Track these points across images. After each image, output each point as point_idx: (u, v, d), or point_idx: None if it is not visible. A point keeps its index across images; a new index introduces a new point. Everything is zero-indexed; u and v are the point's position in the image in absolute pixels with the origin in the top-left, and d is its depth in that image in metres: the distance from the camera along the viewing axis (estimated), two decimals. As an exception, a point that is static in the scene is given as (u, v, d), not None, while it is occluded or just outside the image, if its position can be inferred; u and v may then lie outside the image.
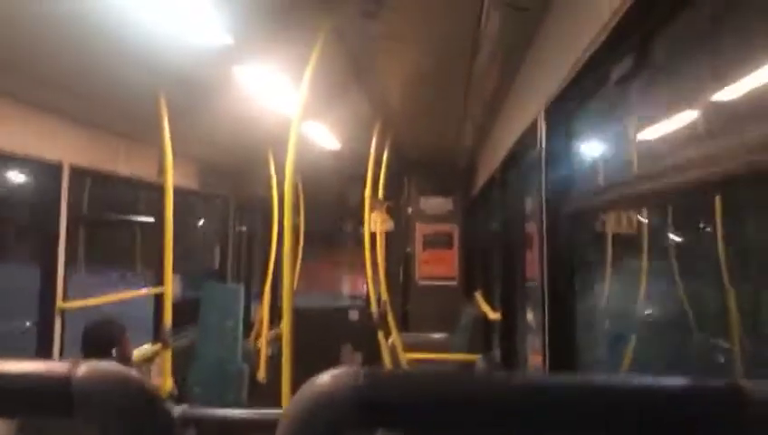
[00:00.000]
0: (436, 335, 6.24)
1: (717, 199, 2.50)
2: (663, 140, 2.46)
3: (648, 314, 3.45)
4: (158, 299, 4.62)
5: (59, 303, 3.90)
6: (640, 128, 2.25)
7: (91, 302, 4.33)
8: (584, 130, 2.19)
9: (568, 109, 1.99)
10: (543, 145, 2.10)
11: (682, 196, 1.78)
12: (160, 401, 0.63)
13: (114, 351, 2.82)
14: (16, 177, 4.28)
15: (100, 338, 3.13)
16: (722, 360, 2.90)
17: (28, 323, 4.35)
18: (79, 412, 0.61)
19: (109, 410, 0.60)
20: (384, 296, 5.57)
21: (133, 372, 0.63)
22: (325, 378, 0.60)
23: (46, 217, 3.97)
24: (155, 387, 0.65)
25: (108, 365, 0.61)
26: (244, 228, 7.55)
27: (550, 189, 2.03)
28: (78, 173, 4.11)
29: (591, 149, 2.44)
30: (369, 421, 0.57)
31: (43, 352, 3.78)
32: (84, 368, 0.60)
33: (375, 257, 5.57)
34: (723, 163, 1.07)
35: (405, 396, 0.56)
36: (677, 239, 3.44)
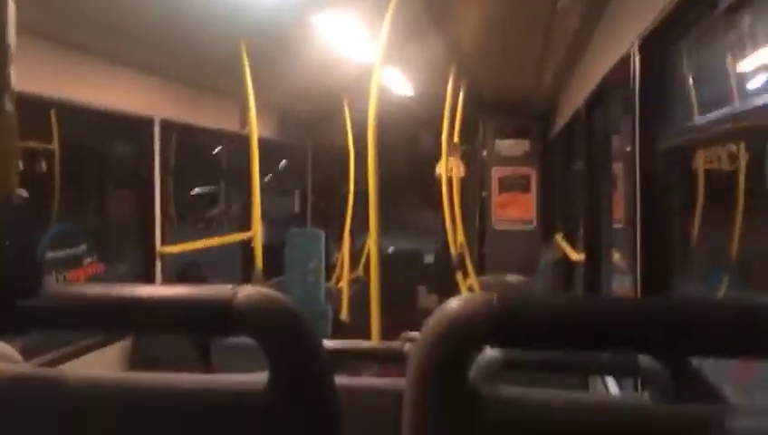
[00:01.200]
0: (514, 278, 6.23)
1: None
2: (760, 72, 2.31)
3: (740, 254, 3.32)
4: (246, 245, 4.85)
5: (158, 247, 4.18)
6: (745, 61, 2.13)
7: (188, 246, 4.60)
8: (683, 64, 2.09)
9: (666, 41, 1.90)
10: (638, 81, 2.03)
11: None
12: (312, 327, 0.70)
13: None
14: (113, 132, 4.55)
15: (191, 278, 3.36)
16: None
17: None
18: (240, 331, 0.69)
19: (268, 331, 0.68)
20: (461, 239, 5.60)
21: (286, 299, 0.70)
22: (456, 302, 0.64)
23: (142, 169, 4.23)
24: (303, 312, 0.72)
25: (265, 290, 0.69)
26: (322, 175, 7.72)
27: (644, 127, 1.97)
28: (167, 126, 4.32)
29: (691, 84, 2.33)
30: (503, 342, 0.62)
31: None
32: (245, 291, 0.68)
33: (452, 202, 5.58)
34: None
35: (539, 316, 0.60)
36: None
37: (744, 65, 2.39)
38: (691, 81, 2.63)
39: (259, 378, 0.69)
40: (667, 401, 1.40)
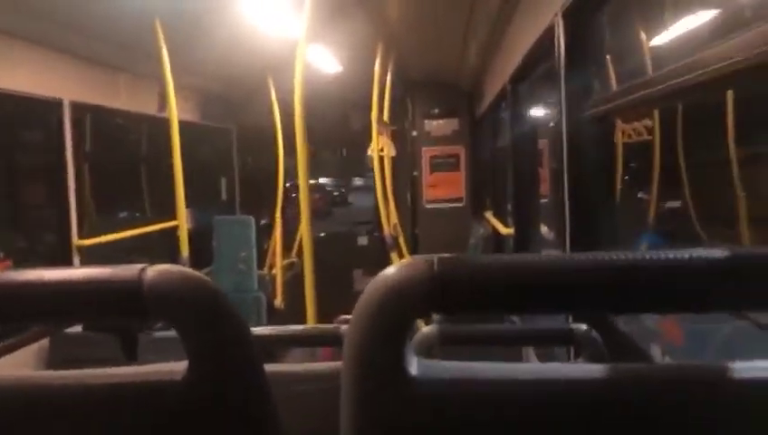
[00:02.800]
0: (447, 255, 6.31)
1: (729, 96, 2.46)
2: (678, 39, 2.40)
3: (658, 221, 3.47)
4: (173, 234, 4.66)
5: (75, 240, 3.95)
6: (658, 29, 2.19)
7: (107, 238, 4.37)
8: (605, 33, 2.13)
9: (588, 8, 1.92)
10: (562, 49, 2.05)
11: (697, 92, 1.75)
12: (235, 309, 0.63)
13: None
14: (20, 116, 4.23)
15: None
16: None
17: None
18: (152, 314, 0.61)
19: (185, 313, 0.61)
20: (394, 220, 5.61)
21: (205, 277, 0.63)
22: (395, 269, 0.60)
23: (53, 155, 3.96)
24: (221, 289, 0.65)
25: (179, 268, 0.62)
26: (249, 159, 7.52)
27: (570, 95, 1.99)
28: (79, 109, 4.06)
29: (609, 52, 2.38)
30: (446, 306, 0.58)
31: None
32: (154, 270, 0.60)
33: (384, 182, 5.57)
34: (735, 57, 1.05)
35: (482, 279, 0.56)
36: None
37: (661, 35, 2.47)
38: (615, 50, 2.70)
39: (179, 367, 0.62)
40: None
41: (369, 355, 0.60)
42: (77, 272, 0.63)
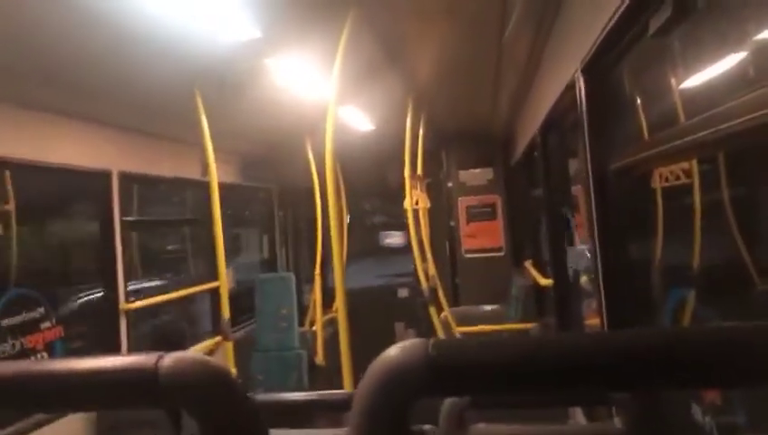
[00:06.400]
0: (488, 307, 6.23)
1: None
2: (709, 87, 2.38)
3: (704, 269, 3.36)
4: (215, 293, 4.76)
5: (122, 304, 4.07)
6: (684, 78, 2.18)
7: (152, 301, 4.49)
8: (625, 86, 2.14)
9: (606, 65, 1.94)
10: (583, 104, 2.06)
11: (732, 143, 1.73)
12: (242, 388, 0.66)
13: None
14: (70, 189, 4.46)
15: (170, 335, 3.26)
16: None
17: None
18: (167, 401, 0.64)
19: (196, 398, 0.63)
20: (432, 271, 5.58)
21: (214, 362, 0.66)
22: (394, 351, 0.62)
23: (102, 224, 4.14)
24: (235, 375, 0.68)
25: (192, 355, 0.65)
26: (289, 217, 7.68)
27: (594, 148, 2.00)
28: (126, 178, 4.26)
29: (634, 104, 2.38)
30: (441, 389, 0.59)
31: (113, 353, 3.95)
32: (170, 359, 0.64)
33: (420, 234, 5.58)
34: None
35: (476, 362, 0.57)
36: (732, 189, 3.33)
37: (686, 84, 2.45)
38: (640, 101, 2.69)
39: None
40: (638, 424, 1.38)
41: (372, 433, 0.62)
42: (98, 362, 0.67)
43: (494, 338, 0.61)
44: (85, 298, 4.79)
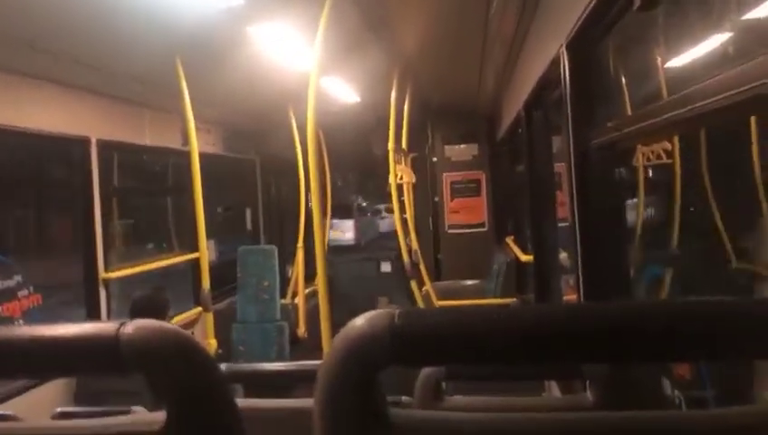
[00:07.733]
0: (469, 282, 6.27)
1: (752, 121, 2.43)
2: (692, 64, 2.38)
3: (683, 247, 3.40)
4: (196, 264, 4.73)
5: (101, 272, 4.03)
6: (668, 54, 2.18)
7: (131, 271, 4.45)
8: (609, 61, 2.13)
9: (590, 40, 1.93)
10: (567, 80, 2.05)
11: (713, 119, 1.73)
12: (209, 355, 0.65)
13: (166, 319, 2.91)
14: (49, 155, 4.38)
15: (149, 307, 3.24)
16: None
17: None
18: (129, 369, 0.63)
19: (159, 366, 0.63)
20: (415, 246, 5.60)
21: (179, 329, 0.65)
22: (360, 320, 0.61)
23: (81, 191, 4.08)
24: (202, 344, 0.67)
25: (155, 322, 0.64)
26: (272, 188, 7.63)
27: (576, 124, 1.99)
28: (105, 146, 4.19)
29: (618, 80, 2.38)
30: (406, 359, 0.59)
31: (92, 320, 3.92)
32: (131, 326, 0.62)
33: (403, 209, 5.58)
34: (755, 82, 1.04)
35: (441, 332, 0.57)
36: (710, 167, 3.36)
37: (671, 59, 2.45)
38: (623, 77, 2.69)
39: (157, 417, 0.64)
40: (610, 398, 1.40)
41: (337, 404, 0.62)
42: (60, 329, 0.66)
43: (462, 309, 0.61)
44: (65, 267, 4.75)
